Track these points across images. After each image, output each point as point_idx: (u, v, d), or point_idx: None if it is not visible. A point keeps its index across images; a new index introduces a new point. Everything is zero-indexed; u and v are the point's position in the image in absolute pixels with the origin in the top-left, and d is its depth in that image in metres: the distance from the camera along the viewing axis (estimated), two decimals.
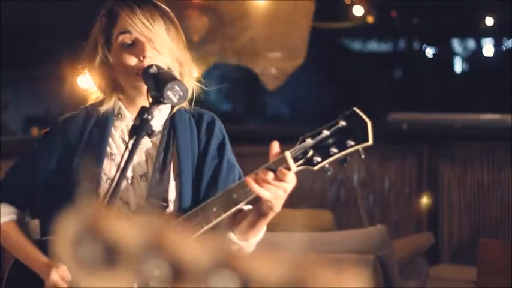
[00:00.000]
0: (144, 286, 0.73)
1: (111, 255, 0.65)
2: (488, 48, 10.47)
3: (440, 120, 6.16)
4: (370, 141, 1.80)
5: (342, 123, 1.81)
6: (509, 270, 3.51)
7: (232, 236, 1.93)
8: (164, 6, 2.03)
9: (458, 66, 10.96)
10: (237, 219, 1.95)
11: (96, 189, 1.95)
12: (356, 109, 1.82)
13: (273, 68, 5.40)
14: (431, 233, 4.92)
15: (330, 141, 1.81)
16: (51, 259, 1.99)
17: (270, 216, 1.89)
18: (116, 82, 2.04)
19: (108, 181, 1.97)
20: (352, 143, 1.81)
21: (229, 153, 2.08)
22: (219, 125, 2.09)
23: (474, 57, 10.65)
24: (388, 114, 6.18)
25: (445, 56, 10.76)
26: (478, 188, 5.37)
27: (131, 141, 1.84)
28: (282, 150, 1.84)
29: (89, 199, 1.87)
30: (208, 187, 2.01)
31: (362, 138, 1.81)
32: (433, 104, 9.23)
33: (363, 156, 1.81)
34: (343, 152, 1.81)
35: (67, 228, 0.67)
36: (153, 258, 0.64)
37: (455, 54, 10.79)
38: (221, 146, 2.07)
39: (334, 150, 1.81)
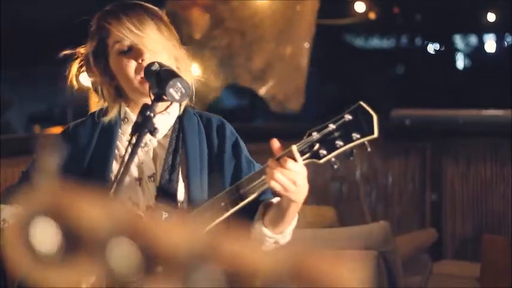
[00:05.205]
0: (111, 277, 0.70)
1: (72, 241, 0.62)
2: (490, 44, 10.47)
3: (443, 116, 6.15)
4: (376, 134, 1.81)
5: (348, 116, 1.82)
6: None
7: (266, 231, 1.93)
8: (152, 6, 2.03)
9: (460, 62, 10.95)
10: (266, 213, 1.95)
11: (105, 191, 1.94)
12: (362, 103, 1.83)
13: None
14: (435, 229, 4.91)
15: (336, 134, 1.82)
16: None
17: (294, 208, 1.88)
18: (119, 90, 2.05)
19: None
20: (358, 135, 1.81)
21: (245, 151, 2.08)
22: (229, 127, 2.10)
23: (476, 53, 10.64)
24: (390, 111, 6.18)
25: (447, 52, 10.75)
26: (481, 184, 5.36)
27: (134, 138, 1.84)
28: (288, 147, 1.85)
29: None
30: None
31: (367, 131, 1.81)
32: (436, 100, 9.22)
33: (369, 149, 1.82)
34: (349, 145, 1.82)
35: (27, 211, 0.64)
36: (127, 249, 0.61)
37: (457, 50, 10.77)
38: (235, 146, 2.07)
39: (340, 143, 1.82)
